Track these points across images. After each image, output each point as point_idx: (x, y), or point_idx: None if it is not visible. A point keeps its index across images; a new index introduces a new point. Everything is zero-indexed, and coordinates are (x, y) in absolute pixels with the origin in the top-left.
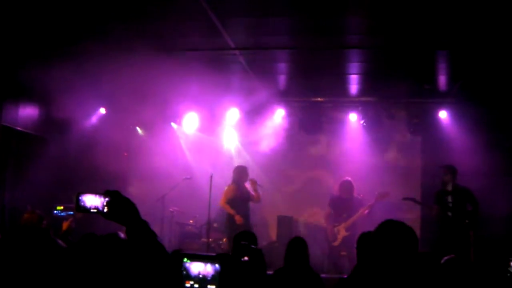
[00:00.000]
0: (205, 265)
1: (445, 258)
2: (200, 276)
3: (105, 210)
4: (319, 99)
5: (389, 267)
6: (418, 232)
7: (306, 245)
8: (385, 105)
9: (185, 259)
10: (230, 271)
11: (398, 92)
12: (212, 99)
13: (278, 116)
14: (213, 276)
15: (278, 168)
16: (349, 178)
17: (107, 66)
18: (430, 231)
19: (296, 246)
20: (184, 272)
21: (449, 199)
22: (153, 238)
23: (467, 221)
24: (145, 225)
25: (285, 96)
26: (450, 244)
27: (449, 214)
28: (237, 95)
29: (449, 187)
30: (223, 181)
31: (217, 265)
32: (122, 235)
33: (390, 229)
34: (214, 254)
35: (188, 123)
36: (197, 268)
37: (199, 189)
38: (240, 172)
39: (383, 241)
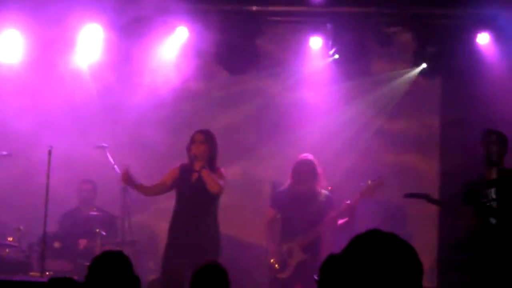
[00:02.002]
0: None
1: None
2: None
3: None
4: (254, 8)
5: None
6: (434, 254)
7: (227, 280)
8: (376, 21)
9: None
10: None
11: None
12: (51, 5)
13: (178, 41)
14: None
15: (175, 137)
16: (309, 156)
17: None
18: (456, 253)
19: (207, 281)
20: None
21: (493, 193)
22: None
23: None
24: None
25: (191, 2)
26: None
27: (493, 221)
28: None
29: (493, 174)
30: (74, 160)
31: None
32: None
33: (369, 248)
34: None
35: (4, 49)
36: None
37: (27, 175)
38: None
39: (356, 270)
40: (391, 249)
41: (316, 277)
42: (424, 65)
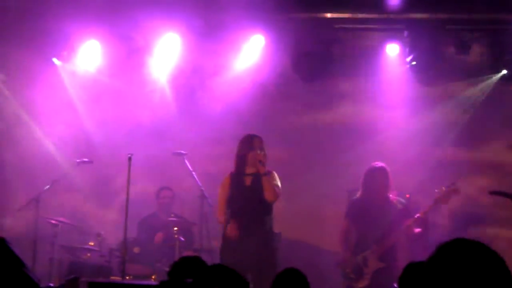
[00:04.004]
0: None
1: None
2: None
3: None
4: (328, 15)
5: None
6: None
7: (307, 285)
8: (452, 27)
9: None
10: None
11: (477, 5)
12: (129, 14)
13: (255, 48)
14: None
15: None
16: (383, 165)
17: None
18: None
19: (288, 286)
20: None
21: None
22: (18, 270)
23: None
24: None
25: (266, 11)
26: None
27: None
28: (178, 9)
29: None
30: (153, 167)
31: None
32: None
33: (457, 256)
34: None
35: (84, 60)
36: None
37: (107, 182)
38: (239, 147)
39: (443, 279)
40: (478, 257)
41: (395, 286)
42: (504, 71)
